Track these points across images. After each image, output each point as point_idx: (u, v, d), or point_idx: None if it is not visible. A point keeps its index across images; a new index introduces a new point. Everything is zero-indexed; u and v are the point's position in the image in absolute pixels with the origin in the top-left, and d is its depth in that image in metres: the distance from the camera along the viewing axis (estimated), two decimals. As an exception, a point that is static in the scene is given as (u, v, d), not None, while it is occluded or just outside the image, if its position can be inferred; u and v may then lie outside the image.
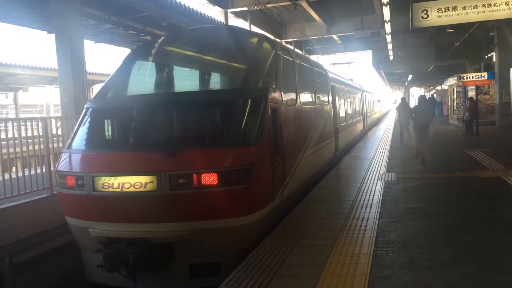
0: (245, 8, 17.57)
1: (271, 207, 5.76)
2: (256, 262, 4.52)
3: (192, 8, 13.89)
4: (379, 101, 36.70)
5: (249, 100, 5.73)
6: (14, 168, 8.13)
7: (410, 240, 4.99)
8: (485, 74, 22.40)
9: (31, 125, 7.85)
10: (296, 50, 19.62)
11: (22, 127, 7.60)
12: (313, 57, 24.61)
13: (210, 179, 4.96)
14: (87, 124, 6.10)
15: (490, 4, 11.19)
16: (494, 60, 22.55)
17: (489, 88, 22.91)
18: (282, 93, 6.66)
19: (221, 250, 5.16)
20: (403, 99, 19.61)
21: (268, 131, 5.73)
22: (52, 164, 7.37)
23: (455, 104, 25.96)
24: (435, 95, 41.38)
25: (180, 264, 5.13)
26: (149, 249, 4.96)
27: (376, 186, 8.17)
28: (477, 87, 20.74)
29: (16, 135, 7.48)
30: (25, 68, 20.54)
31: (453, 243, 4.89)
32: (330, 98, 11.28)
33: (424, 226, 5.58)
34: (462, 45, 23.53)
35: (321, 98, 10.15)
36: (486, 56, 25.69)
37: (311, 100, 9.17)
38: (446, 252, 4.57)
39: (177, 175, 4.96)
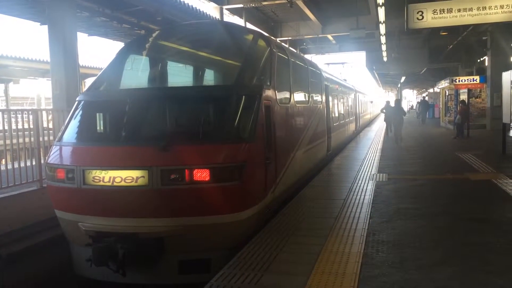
0: (241, 5, 17.54)
1: (262, 205, 5.75)
2: (247, 259, 4.51)
3: (188, 4, 13.84)
4: (371, 102, 36.85)
5: (243, 97, 5.71)
6: (3, 160, 8.04)
7: (400, 240, 5.01)
8: (477, 77, 22.61)
9: (22, 118, 7.77)
10: (291, 48, 19.62)
11: (13, 119, 7.51)
12: (307, 56, 24.63)
13: (202, 175, 4.94)
14: (78, 117, 6.03)
15: (485, 7, 11.26)
16: (486, 64, 22.74)
17: (480, 91, 23.11)
18: (276, 91, 6.65)
19: (212, 247, 5.14)
20: (387, 102, 21.97)
21: (262, 129, 5.72)
22: (42, 157, 7.30)
23: (447, 107, 26.18)
24: (426, 98, 41.77)
25: (170, 259, 5.10)
26: (139, 244, 4.93)
27: (367, 186, 8.19)
28: (469, 91, 20.90)
29: (6, 127, 7.39)
30: (17, 59, 20.32)
31: (443, 243, 4.92)
32: (324, 97, 11.29)
33: (414, 226, 5.60)
34: (455, 49, 23.70)
35: (315, 97, 10.15)
36: (478, 60, 25.90)
37: (304, 99, 9.17)
38: (436, 253, 4.59)
39: (169, 170, 4.93)
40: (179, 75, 7.87)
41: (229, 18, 18.94)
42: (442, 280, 3.88)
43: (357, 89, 23.21)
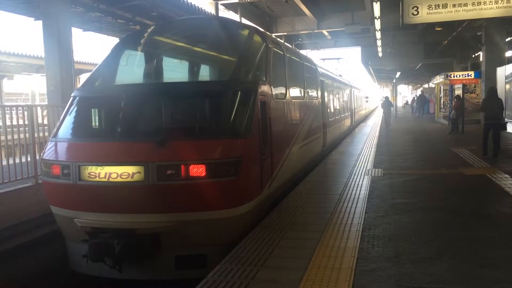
0: (236, 0, 17.48)
1: (258, 200, 5.76)
2: (243, 254, 4.52)
3: (183, -1, 13.78)
4: (367, 97, 36.93)
5: (239, 92, 5.71)
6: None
7: (395, 235, 5.05)
8: (471, 73, 22.65)
9: (17, 113, 7.72)
10: (286, 44, 19.60)
11: (7, 115, 7.48)
12: (303, 52, 24.62)
13: (198, 170, 4.94)
14: (74, 113, 6.01)
15: (480, 3, 11.27)
16: (481, 59, 22.79)
17: (475, 87, 23.17)
18: (272, 86, 6.65)
19: (208, 242, 5.15)
20: (386, 97, 25.29)
21: (257, 124, 5.72)
22: (37, 153, 7.27)
23: (442, 102, 26.28)
24: (425, 94, 42.10)
25: (166, 255, 5.11)
26: (135, 240, 4.93)
27: (363, 181, 8.23)
28: (464, 86, 20.96)
29: (0, 123, 7.35)
30: (10, 55, 20.18)
31: (438, 238, 4.95)
32: (319, 93, 11.30)
33: (409, 221, 5.63)
34: (450, 44, 23.73)
35: (310, 93, 10.16)
36: (473, 55, 25.96)
37: (300, 94, 9.18)
38: (431, 247, 4.63)
39: (165, 166, 4.92)
40: (175, 70, 7.84)
41: (224, 13, 18.87)
42: (437, 273, 3.91)
43: (353, 84, 23.24)
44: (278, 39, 11.94)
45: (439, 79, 26.01)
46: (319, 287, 3.69)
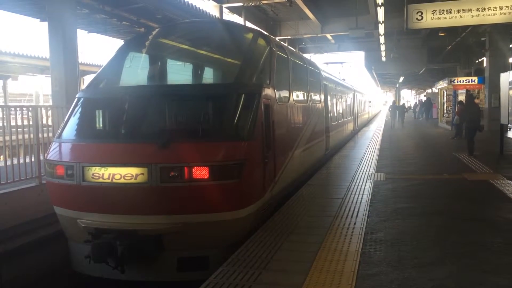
0: (240, 4, 17.54)
1: (261, 203, 5.77)
2: (245, 256, 4.53)
3: (188, 2, 13.84)
4: (370, 102, 36.93)
5: (243, 95, 5.73)
6: (1, 156, 8.03)
7: (398, 239, 5.04)
8: (475, 78, 22.64)
9: (21, 114, 7.76)
10: (290, 47, 19.64)
11: (12, 115, 7.51)
12: (306, 56, 24.65)
13: (201, 172, 4.95)
14: (78, 114, 6.04)
15: (484, 8, 11.31)
16: (484, 65, 22.78)
17: (478, 92, 23.15)
18: (276, 89, 6.67)
19: (210, 244, 5.17)
20: (393, 102, 28.38)
21: (261, 127, 5.74)
22: (41, 154, 7.31)
23: (445, 107, 26.27)
24: (431, 99, 42.21)
25: (168, 256, 5.12)
26: (137, 241, 4.95)
27: (365, 185, 8.22)
28: (467, 91, 20.94)
29: (5, 124, 7.38)
30: (15, 56, 20.27)
31: (440, 243, 4.95)
32: (322, 97, 11.31)
33: (412, 225, 5.63)
34: (453, 49, 23.75)
35: (314, 97, 10.17)
36: (477, 61, 25.95)
37: (303, 98, 9.19)
38: (433, 252, 4.62)
39: (168, 168, 4.94)
40: (179, 73, 7.87)
41: (229, 16, 18.95)
42: (439, 278, 3.91)
43: (356, 88, 23.23)
44: (282, 42, 11.96)
45: (442, 84, 26.02)
46: (321, 291, 3.69)
